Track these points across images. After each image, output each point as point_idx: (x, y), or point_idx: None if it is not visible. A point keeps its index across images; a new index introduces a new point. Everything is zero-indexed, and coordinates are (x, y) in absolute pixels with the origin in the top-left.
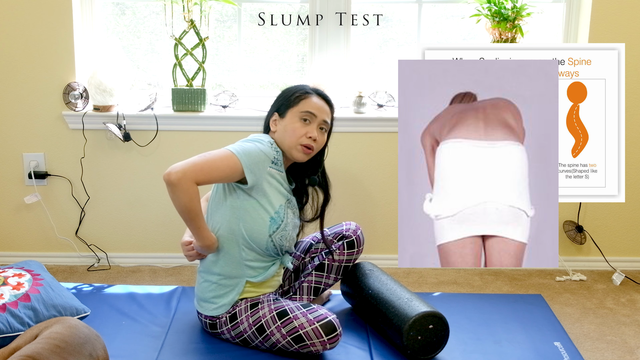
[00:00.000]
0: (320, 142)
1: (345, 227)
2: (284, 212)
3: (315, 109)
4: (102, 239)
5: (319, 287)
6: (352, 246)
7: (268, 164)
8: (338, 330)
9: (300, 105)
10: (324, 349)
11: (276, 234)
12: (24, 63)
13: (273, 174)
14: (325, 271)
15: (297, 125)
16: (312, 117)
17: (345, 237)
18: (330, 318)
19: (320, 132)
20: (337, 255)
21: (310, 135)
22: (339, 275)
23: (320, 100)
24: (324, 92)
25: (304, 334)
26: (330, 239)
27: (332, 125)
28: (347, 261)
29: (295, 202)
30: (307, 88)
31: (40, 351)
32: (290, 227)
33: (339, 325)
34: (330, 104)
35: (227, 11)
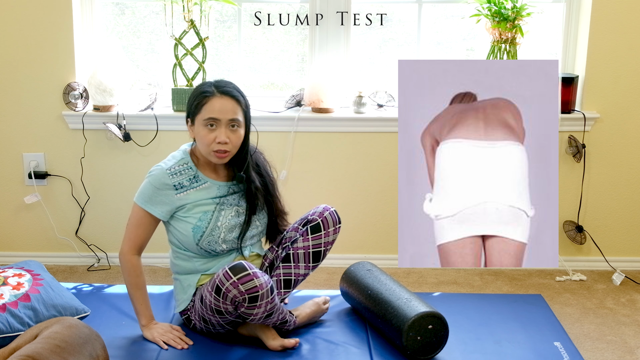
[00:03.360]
0: (234, 141)
1: (312, 211)
2: (210, 218)
3: (216, 112)
4: (102, 239)
5: (290, 279)
6: (316, 230)
7: (172, 192)
8: (249, 270)
9: (202, 111)
10: (241, 294)
11: (202, 241)
12: (24, 63)
13: (182, 198)
14: (292, 261)
15: (204, 133)
16: (215, 121)
17: (310, 221)
18: (242, 262)
19: (232, 131)
20: (301, 242)
21: (218, 140)
22: (311, 263)
23: (222, 99)
24: (227, 86)
25: (219, 282)
26: (295, 227)
27: (248, 116)
28: (314, 246)
29: (238, 200)
30: (206, 89)
31: (40, 351)
32: (224, 229)
33: (251, 267)
34: (235, 97)
35: (227, 11)
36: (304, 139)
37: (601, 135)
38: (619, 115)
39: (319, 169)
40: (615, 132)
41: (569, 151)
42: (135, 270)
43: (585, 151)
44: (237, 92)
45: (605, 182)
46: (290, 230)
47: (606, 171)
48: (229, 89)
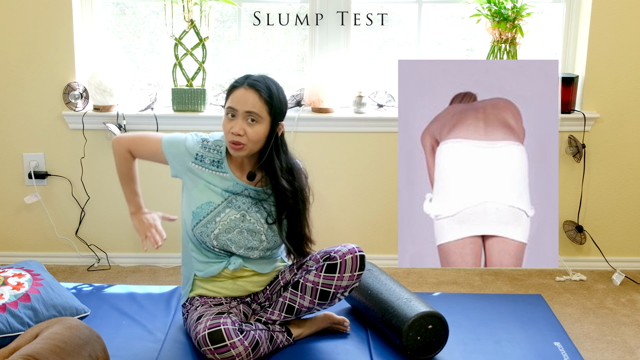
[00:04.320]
0: (251, 135)
1: (339, 247)
2: (212, 209)
3: (235, 102)
4: (102, 239)
5: (293, 307)
6: (332, 270)
7: (190, 159)
8: (227, 341)
9: (228, 100)
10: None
11: (196, 229)
12: (24, 63)
13: (196, 170)
14: (299, 290)
15: (224, 121)
16: (234, 111)
17: (330, 257)
18: (221, 327)
19: (249, 124)
20: (313, 276)
21: (233, 130)
22: (317, 299)
23: (246, 90)
24: (257, 80)
25: (197, 341)
26: (317, 257)
27: (275, 115)
28: (324, 285)
29: (248, 206)
30: (239, 79)
31: (40, 351)
32: (219, 226)
33: (230, 335)
34: (259, 91)
35: (227, 11)
36: (304, 139)
37: (601, 135)
38: (619, 115)
39: (319, 169)
40: (615, 132)
41: (569, 151)
42: (128, 160)
43: (585, 151)
44: (266, 88)
45: (605, 182)
46: (314, 257)
47: (606, 171)
48: (256, 83)
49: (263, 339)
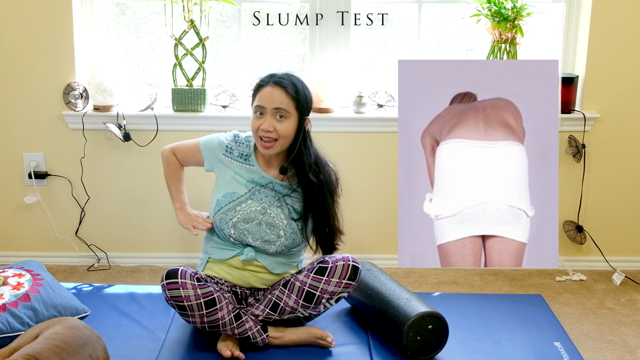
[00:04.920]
0: (282, 131)
1: (337, 254)
2: (234, 199)
3: (263, 100)
4: (102, 239)
5: (278, 305)
6: (321, 272)
7: (221, 151)
8: (178, 279)
9: (255, 99)
10: (167, 300)
11: (217, 215)
12: (24, 63)
13: (225, 161)
14: (287, 288)
15: (253, 119)
16: (262, 109)
17: (323, 261)
18: (180, 267)
19: (278, 121)
20: (303, 275)
21: (262, 127)
22: (301, 300)
23: (273, 88)
24: (282, 78)
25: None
26: (312, 261)
27: (302, 111)
28: (311, 287)
29: (272, 200)
30: (264, 78)
31: (40, 351)
32: (239, 215)
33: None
34: (285, 88)
35: (227, 11)
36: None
37: (601, 135)
38: (619, 115)
39: None
40: (615, 132)
41: (569, 151)
42: (174, 163)
43: (585, 151)
44: (292, 85)
45: (605, 182)
46: (311, 261)
47: (606, 171)
48: (282, 80)
49: (223, 304)
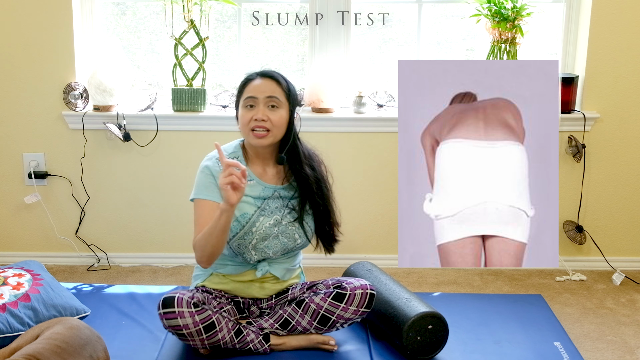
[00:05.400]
0: (275, 120)
1: (354, 279)
2: (247, 221)
3: (253, 91)
4: (102, 239)
5: (289, 323)
6: (339, 299)
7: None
8: (175, 308)
9: (243, 94)
10: (167, 328)
11: (233, 241)
12: (24, 63)
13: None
14: (301, 309)
15: (243, 113)
16: (253, 100)
17: (342, 287)
18: (176, 295)
19: (271, 110)
20: (319, 299)
21: (255, 117)
22: (315, 322)
23: (262, 79)
24: (268, 70)
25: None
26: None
27: (292, 101)
28: (327, 311)
29: (281, 208)
30: (251, 74)
31: (41, 351)
32: (257, 236)
33: (183, 306)
34: (275, 78)
35: (227, 11)
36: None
37: (601, 135)
38: (619, 115)
39: None
40: (615, 132)
41: (569, 151)
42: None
43: (585, 151)
44: (280, 75)
45: (605, 182)
46: (325, 282)
47: (606, 171)
48: (270, 72)
49: (223, 325)
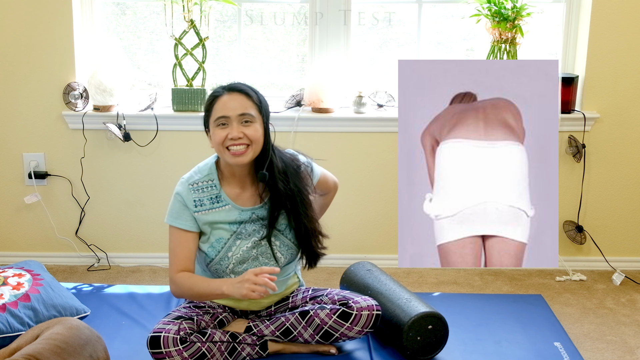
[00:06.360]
0: (251, 134)
1: (360, 298)
2: (222, 246)
3: (223, 110)
4: (102, 239)
5: (291, 332)
6: (345, 318)
7: (192, 210)
8: (162, 349)
9: (212, 114)
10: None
11: (211, 266)
12: (24, 63)
13: (200, 217)
14: (304, 320)
15: (216, 132)
16: (225, 119)
17: (348, 306)
18: (162, 334)
19: (245, 126)
20: (325, 315)
21: (230, 136)
22: (317, 336)
23: (230, 95)
24: (235, 84)
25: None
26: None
27: (264, 113)
28: (331, 328)
29: (259, 229)
30: (215, 90)
31: (41, 351)
32: (233, 260)
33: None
34: (244, 92)
35: (227, 11)
36: (304, 139)
37: (601, 135)
38: (619, 115)
39: None
40: (615, 132)
41: (569, 151)
42: (188, 283)
43: (585, 151)
44: (248, 87)
45: (605, 182)
46: (330, 296)
47: (606, 171)
48: (237, 85)
49: (215, 351)
